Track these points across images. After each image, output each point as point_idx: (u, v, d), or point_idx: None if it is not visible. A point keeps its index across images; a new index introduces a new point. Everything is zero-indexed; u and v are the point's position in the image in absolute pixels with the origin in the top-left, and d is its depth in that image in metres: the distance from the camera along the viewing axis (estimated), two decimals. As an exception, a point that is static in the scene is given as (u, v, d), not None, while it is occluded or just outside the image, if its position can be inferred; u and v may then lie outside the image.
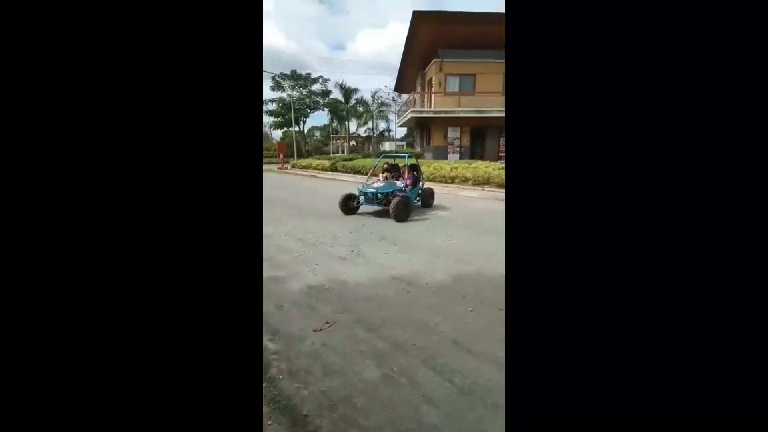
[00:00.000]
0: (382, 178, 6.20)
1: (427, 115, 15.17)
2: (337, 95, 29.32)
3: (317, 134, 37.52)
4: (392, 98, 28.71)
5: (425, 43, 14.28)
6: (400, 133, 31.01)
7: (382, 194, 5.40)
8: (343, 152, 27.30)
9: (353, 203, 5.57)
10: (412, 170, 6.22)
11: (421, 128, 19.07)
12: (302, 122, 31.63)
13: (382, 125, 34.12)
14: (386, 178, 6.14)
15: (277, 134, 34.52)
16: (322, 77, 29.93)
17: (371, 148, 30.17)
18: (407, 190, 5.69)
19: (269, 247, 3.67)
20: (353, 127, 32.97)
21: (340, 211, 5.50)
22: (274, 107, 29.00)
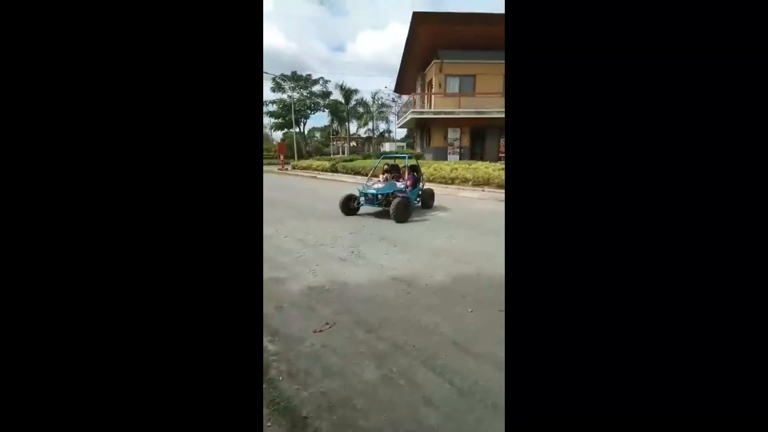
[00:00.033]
0: (382, 179, 6.21)
1: (427, 116, 15.18)
2: (337, 96, 29.44)
3: (317, 135, 37.56)
4: (392, 99, 28.79)
5: (425, 44, 14.31)
6: (400, 134, 31.08)
7: (382, 195, 5.40)
8: (343, 153, 27.33)
9: (354, 204, 5.57)
10: (412, 171, 6.21)
11: (421, 129, 19.09)
12: (302, 123, 31.72)
13: (382, 126, 34.24)
14: (386, 179, 6.15)
15: (277, 135, 34.65)
16: (322, 78, 30.08)
17: (371, 149, 30.24)
18: (407, 191, 5.69)
19: (269, 248, 3.67)
20: (353, 128, 33.07)
21: (340, 212, 5.50)
22: (274, 108, 29.03)
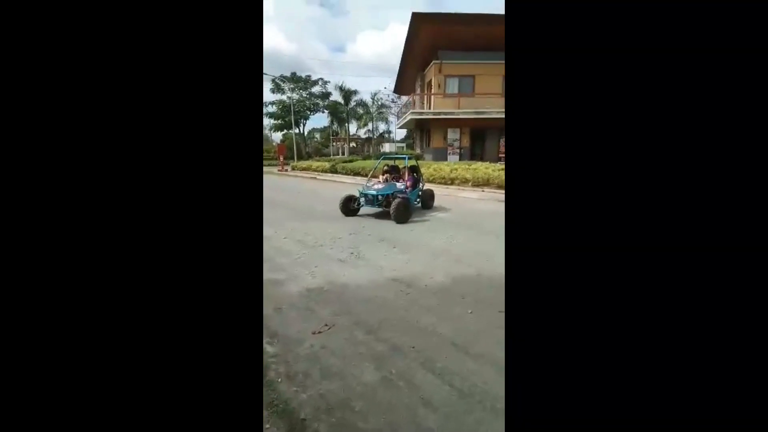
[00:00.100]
0: (382, 179, 6.21)
1: (426, 116, 15.21)
2: (337, 97, 29.48)
3: (317, 136, 37.58)
4: (392, 100, 28.84)
5: (424, 44, 14.33)
6: (399, 134, 31.09)
7: (382, 196, 5.41)
8: (343, 154, 27.33)
9: (354, 205, 5.57)
10: (412, 172, 6.22)
11: (420, 130, 19.11)
12: (302, 124, 31.73)
13: (381, 127, 34.26)
14: (386, 179, 6.15)
15: (277, 136, 34.66)
16: (321, 79, 30.10)
17: (371, 149, 30.25)
18: (407, 191, 5.69)
19: (268, 249, 3.66)
20: (353, 128, 33.13)
21: (340, 212, 5.50)
22: (274, 109, 29.05)
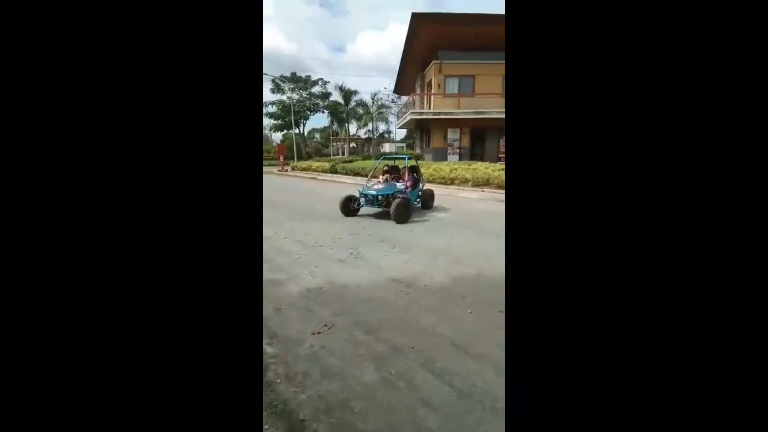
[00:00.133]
0: (382, 179, 6.21)
1: (426, 116, 15.21)
2: (337, 97, 29.47)
3: (317, 136, 37.58)
4: (392, 100, 28.84)
5: (424, 44, 14.34)
6: (399, 134, 31.09)
7: (382, 196, 5.40)
8: (343, 154, 27.33)
9: (354, 205, 5.57)
10: (412, 172, 6.22)
11: (420, 130, 19.11)
12: (302, 124, 31.73)
13: (381, 127, 34.25)
14: (386, 179, 6.15)
15: (277, 136, 34.65)
16: (321, 79, 30.11)
17: (371, 149, 30.25)
18: (407, 191, 5.69)
19: (268, 249, 3.66)
20: (353, 128, 33.12)
21: (339, 212, 5.50)
22: (274, 109, 29.04)
